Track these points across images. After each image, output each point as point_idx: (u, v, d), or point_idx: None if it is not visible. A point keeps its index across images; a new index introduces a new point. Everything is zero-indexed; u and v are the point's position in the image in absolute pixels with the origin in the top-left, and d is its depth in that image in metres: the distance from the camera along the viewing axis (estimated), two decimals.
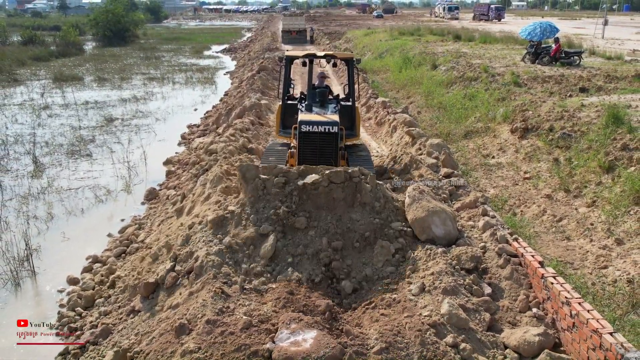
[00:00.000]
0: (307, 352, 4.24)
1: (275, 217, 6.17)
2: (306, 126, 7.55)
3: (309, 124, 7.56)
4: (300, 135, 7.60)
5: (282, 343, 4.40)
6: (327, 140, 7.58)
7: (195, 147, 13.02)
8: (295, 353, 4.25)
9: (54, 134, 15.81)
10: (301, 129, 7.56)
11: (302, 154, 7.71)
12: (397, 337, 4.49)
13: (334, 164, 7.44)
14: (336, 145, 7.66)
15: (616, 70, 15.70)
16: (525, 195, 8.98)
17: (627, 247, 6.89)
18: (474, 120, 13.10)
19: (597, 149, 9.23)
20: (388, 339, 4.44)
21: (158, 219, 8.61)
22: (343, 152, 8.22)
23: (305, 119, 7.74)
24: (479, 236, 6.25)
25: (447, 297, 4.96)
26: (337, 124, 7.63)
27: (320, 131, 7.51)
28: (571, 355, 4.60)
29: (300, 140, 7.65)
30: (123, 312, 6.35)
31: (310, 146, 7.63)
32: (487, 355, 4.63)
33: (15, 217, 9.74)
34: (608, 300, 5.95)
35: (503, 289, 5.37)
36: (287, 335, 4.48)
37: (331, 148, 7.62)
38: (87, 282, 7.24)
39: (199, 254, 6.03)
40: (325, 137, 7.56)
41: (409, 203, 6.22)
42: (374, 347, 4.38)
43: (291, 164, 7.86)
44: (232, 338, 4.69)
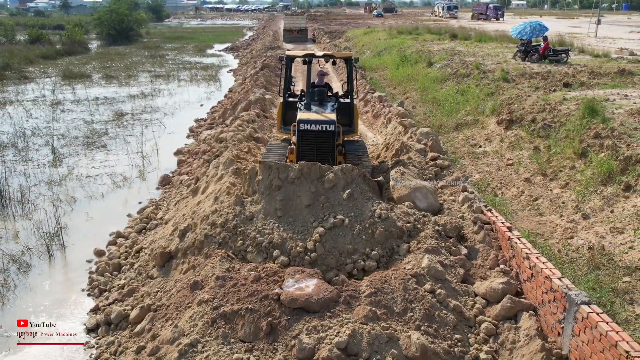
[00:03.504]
0: (309, 295, 5.14)
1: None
2: (304, 125, 7.80)
3: (307, 123, 7.80)
4: (298, 133, 7.86)
5: (288, 289, 5.29)
6: (324, 139, 7.82)
7: (203, 138, 13.93)
8: (299, 295, 5.15)
9: (69, 127, 16.72)
10: (300, 127, 7.82)
11: (301, 152, 7.94)
12: (384, 285, 5.39)
13: (331, 161, 7.71)
14: (333, 143, 7.91)
15: (601, 67, 16.55)
16: (507, 179, 9.87)
17: (591, 221, 7.78)
18: (465, 113, 13.98)
19: (573, 138, 10.10)
20: (377, 285, 5.34)
21: (174, 199, 9.52)
22: (341, 148, 8.52)
23: (303, 117, 7.96)
24: (458, 209, 7.15)
25: (427, 255, 5.87)
26: (334, 122, 7.88)
27: (318, 130, 7.76)
28: (530, 300, 5.50)
29: (299, 139, 7.90)
30: (146, 276, 7.26)
31: (309, 144, 7.87)
32: (459, 301, 5.54)
33: (42, 200, 10.65)
34: (570, 264, 6.83)
35: (477, 250, 6.28)
36: (292, 283, 5.38)
37: (328, 146, 7.87)
38: (113, 252, 8.16)
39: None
40: (323, 136, 7.80)
41: (393, 184, 7.12)
42: (365, 291, 5.29)
43: (291, 160, 8.20)
44: (244, 287, 5.59)
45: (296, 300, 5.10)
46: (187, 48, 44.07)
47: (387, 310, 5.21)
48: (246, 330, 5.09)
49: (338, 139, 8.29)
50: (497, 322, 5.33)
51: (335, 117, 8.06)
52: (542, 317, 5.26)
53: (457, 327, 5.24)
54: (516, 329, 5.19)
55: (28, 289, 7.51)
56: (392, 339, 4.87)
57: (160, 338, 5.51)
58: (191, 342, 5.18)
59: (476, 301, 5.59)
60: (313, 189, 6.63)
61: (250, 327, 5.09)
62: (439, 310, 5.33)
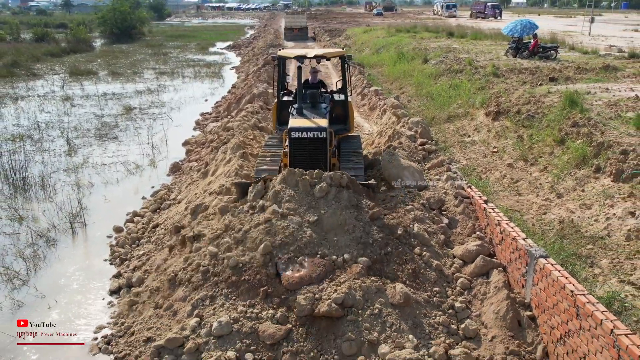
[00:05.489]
0: (306, 274, 5.86)
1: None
2: (296, 133, 7.73)
3: (299, 131, 7.73)
4: (290, 141, 7.84)
5: (285, 272, 6.00)
6: (316, 145, 7.79)
7: (209, 130, 14.76)
8: (298, 277, 5.87)
9: (80, 120, 17.56)
10: (291, 135, 7.77)
11: (293, 158, 7.90)
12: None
13: (323, 167, 7.72)
14: (325, 149, 7.86)
15: (587, 63, 17.38)
16: (491, 165, 10.70)
17: (564, 199, 8.61)
18: (456, 106, 14.81)
19: (553, 127, 10.93)
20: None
21: (185, 183, 10.35)
22: (335, 150, 8.56)
23: (295, 125, 7.87)
24: (442, 186, 7.98)
25: (415, 223, 6.72)
26: (326, 129, 7.79)
27: (310, 137, 7.70)
28: (500, 260, 6.33)
29: (291, 146, 7.87)
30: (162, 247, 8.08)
31: (301, 151, 7.84)
32: (441, 261, 6.37)
33: (62, 185, 11.50)
34: (542, 235, 7.66)
35: (457, 220, 7.11)
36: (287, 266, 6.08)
37: (320, 152, 7.84)
38: (131, 229, 9.00)
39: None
40: (315, 143, 7.76)
41: (384, 164, 7.96)
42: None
43: (285, 163, 8.22)
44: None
45: (296, 282, 5.82)
46: (189, 46, 44.86)
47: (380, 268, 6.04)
48: (247, 294, 5.88)
49: (331, 143, 8.28)
50: (471, 278, 6.17)
51: (327, 123, 8.02)
52: (510, 273, 6.10)
53: (437, 282, 6.08)
54: (487, 283, 6.03)
55: (56, 259, 8.37)
56: (380, 290, 5.70)
57: (174, 297, 6.35)
58: (201, 298, 6.02)
59: (454, 262, 6.44)
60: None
61: (249, 292, 5.88)
62: (423, 269, 6.17)
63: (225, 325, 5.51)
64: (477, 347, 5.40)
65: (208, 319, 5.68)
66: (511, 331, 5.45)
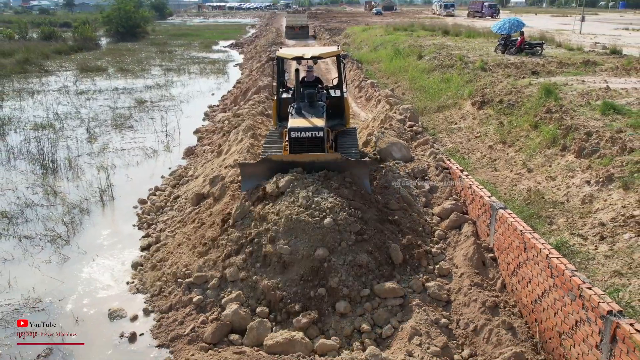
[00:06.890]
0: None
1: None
2: (295, 132, 8.31)
3: (298, 130, 8.30)
4: (290, 140, 8.42)
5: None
6: (314, 143, 8.34)
7: (218, 120, 16.01)
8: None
9: (97, 112, 18.82)
10: (291, 135, 8.35)
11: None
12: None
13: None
14: (322, 147, 8.38)
15: (570, 58, 18.63)
16: (474, 147, 11.95)
17: (534, 174, 9.86)
18: (446, 98, 16.06)
19: (530, 114, 12.18)
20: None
21: (200, 162, 11.61)
22: (332, 144, 9.17)
23: (294, 125, 8.40)
24: (426, 159, 9.24)
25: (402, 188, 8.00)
26: (323, 129, 8.34)
27: (308, 136, 8.29)
28: (471, 216, 7.59)
29: (291, 144, 8.43)
30: (184, 212, 9.32)
31: (300, 149, 8.37)
32: (423, 218, 7.64)
33: (88, 166, 12.74)
34: (511, 202, 8.91)
35: (437, 187, 8.37)
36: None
37: (318, 149, 8.33)
38: (155, 199, 10.25)
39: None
40: (313, 141, 8.33)
41: (376, 141, 9.21)
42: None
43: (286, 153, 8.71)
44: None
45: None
46: (193, 44, 46.08)
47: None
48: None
49: (328, 140, 8.80)
50: (447, 231, 7.43)
51: (324, 122, 8.56)
52: (478, 226, 7.35)
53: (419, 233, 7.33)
54: (459, 234, 7.28)
55: (91, 224, 9.63)
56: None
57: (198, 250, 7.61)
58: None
59: (433, 219, 7.69)
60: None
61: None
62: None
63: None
64: (448, 282, 6.65)
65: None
66: (476, 269, 6.69)
